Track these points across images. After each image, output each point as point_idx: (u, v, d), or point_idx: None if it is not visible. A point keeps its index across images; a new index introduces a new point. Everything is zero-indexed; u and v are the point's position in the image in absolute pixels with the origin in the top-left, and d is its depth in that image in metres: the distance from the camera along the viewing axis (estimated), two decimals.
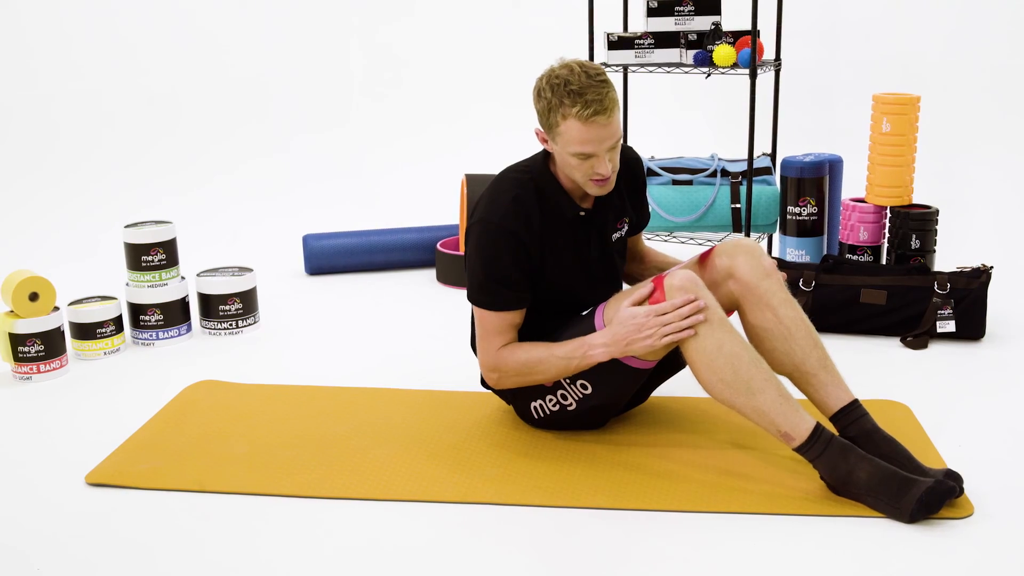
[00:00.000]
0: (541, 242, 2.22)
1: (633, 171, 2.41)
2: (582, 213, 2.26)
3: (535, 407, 2.33)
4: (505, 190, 2.22)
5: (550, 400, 2.30)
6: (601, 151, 2.10)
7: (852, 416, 2.12)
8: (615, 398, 2.29)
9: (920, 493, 1.92)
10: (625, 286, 2.68)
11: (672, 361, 2.34)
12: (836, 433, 2.15)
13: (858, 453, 2.01)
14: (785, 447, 2.28)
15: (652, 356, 2.16)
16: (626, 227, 2.39)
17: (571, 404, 2.28)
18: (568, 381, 2.24)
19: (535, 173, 2.25)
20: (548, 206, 2.24)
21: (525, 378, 2.24)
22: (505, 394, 2.41)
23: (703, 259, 2.30)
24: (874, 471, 1.98)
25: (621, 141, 2.17)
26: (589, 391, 2.25)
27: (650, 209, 3.54)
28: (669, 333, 2.06)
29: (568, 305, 2.31)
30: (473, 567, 1.87)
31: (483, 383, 2.43)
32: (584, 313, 2.30)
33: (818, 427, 2.02)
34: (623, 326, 2.10)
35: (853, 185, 4.10)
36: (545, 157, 2.27)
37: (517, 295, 2.22)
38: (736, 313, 2.31)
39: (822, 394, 2.15)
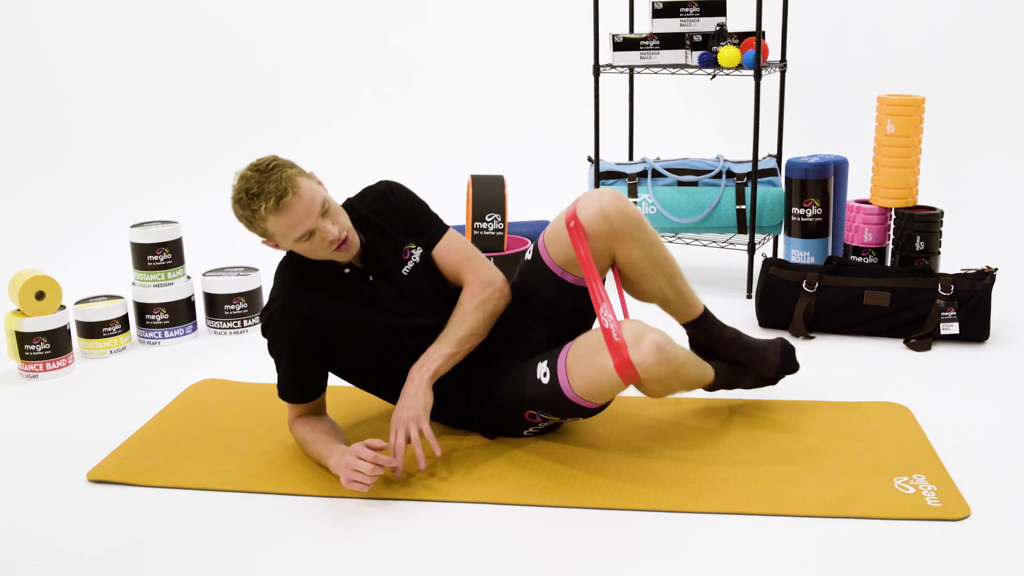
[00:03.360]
0: (319, 322, 2.21)
1: (383, 202, 2.31)
2: (347, 271, 2.24)
3: (526, 434, 2.39)
4: (277, 281, 2.24)
5: (536, 427, 2.35)
6: (313, 223, 2.08)
7: (701, 325, 2.44)
8: (590, 415, 2.30)
9: (778, 347, 2.47)
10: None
11: None
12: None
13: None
14: (791, 448, 2.30)
15: (600, 398, 2.17)
16: (417, 251, 2.31)
17: (557, 422, 2.36)
18: (542, 417, 2.27)
19: (292, 256, 2.25)
20: (312, 280, 2.22)
21: (305, 449, 2.29)
22: (491, 432, 2.39)
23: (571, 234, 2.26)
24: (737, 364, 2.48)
25: (330, 203, 2.11)
26: (560, 421, 2.34)
27: (657, 211, 3.54)
28: (350, 487, 2.09)
29: (407, 350, 2.25)
30: (471, 566, 1.88)
31: None
32: (549, 352, 2.25)
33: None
34: (346, 466, 2.09)
35: (858, 186, 4.09)
36: None
37: (299, 392, 2.28)
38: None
39: (678, 312, 2.43)
